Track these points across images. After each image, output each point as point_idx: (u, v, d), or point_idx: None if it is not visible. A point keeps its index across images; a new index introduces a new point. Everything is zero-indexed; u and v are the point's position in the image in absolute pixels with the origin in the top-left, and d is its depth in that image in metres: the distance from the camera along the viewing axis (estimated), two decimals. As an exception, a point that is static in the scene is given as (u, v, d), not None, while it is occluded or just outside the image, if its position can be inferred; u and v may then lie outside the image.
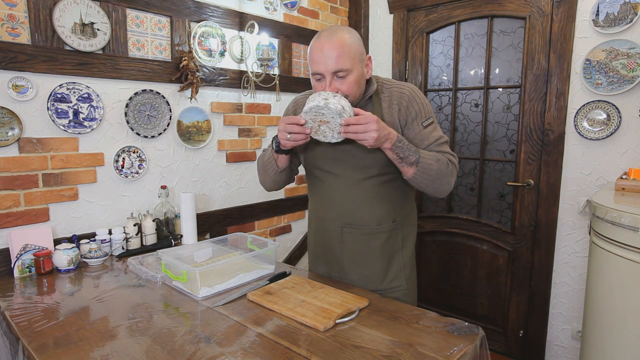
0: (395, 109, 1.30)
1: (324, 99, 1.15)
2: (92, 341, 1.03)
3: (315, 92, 1.22)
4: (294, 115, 1.47)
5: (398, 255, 1.42)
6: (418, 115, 1.29)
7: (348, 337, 1.04)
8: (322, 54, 1.19)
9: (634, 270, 1.45)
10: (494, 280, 2.53)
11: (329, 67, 1.18)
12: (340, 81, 1.21)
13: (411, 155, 1.22)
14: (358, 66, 1.22)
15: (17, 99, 1.53)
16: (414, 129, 1.30)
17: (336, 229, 1.40)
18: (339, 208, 1.39)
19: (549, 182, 2.25)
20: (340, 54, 1.17)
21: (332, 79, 1.20)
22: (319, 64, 1.20)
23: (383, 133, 1.16)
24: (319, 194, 1.45)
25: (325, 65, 1.19)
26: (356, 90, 1.25)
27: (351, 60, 1.19)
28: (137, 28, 1.85)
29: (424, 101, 1.33)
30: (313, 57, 1.22)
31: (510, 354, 2.51)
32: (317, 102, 1.16)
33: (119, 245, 1.72)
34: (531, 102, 2.28)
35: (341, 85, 1.21)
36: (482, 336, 1.06)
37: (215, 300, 1.26)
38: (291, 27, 2.51)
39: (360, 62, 1.23)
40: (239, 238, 1.70)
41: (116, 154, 1.81)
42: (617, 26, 1.96)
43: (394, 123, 1.29)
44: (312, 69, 1.23)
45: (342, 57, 1.18)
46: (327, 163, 1.38)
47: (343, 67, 1.18)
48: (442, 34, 2.63)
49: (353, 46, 1.20)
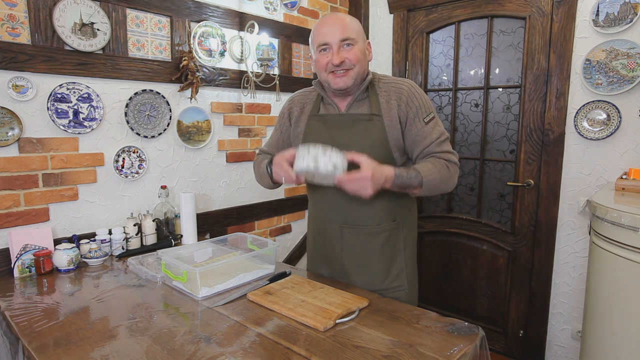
0: (394, 105, 1.29)
1: (313, 160, 1.12)
2: (92, 341, 1.03)
3: (304, 148, 1.16)
4: (289, 115, 1.46)
5: (399, 255, 1.41)
6: (419, 111, 1.29)
7: (348, 337, 1.04)
8: (328, 25, 1.25)
9: (634, 270, 1.45)
10: (494, 280, 2.53)
11: (336, 36, 1.24)
12: (347, 49, 1.25)
13: (413, 180, 1.22)
14: (361, 42, 1.28)
15: (17, 99, 1.53)
16: (415, 126, 1.29)
17: (336, 229, 1.40)
18: (338, 208, 1.38)
19: (549, 182, 2.25)
20: (346, 25, 1.25)
21: (339, 48, 1.24)
22: (325, 35, 1.25)
23: (379, 182, 1.17)
24: (318, 194, 1.45)
25: (332, 35, 1.24)
26: (362, 60, 1.27)
27: (356, 33, 1.26)
28: (137, 28, 1.85)
29: (424, 96, 1.32)
30: (319, 31, 1.27)
31: (510, 354, 2.51)
32: (307, 164, 1.12)
33: (119, 245, 1.72)
34: (531, 102, 2.28)
35: (348, 53, 1.24)
36: (482, 336, 1.06)
37: (215, 300, 1.26)
38: (291, 27, 2.51)
39: (363, 40, 1.29)
40: (239, 238, 1.70)
41: (116, 154, 1.81)
42: (617, 26, 1.96)
43: (393, 119, 1.29)
44: (318, 41, 1.27)
45: (348, 28, 1.24)
46: None
47: (350, 35, 1.24)
48: (442, 34, 2.63)
49: (356, 24, 1.28)
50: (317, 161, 1.11)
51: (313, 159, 1.12)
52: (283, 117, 1.50)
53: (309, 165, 1.12)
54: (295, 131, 1.46)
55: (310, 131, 1.40)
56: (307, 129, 1.41)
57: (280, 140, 1.51)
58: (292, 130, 1.47)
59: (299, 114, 1.44)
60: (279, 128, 1.52)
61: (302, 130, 1.43)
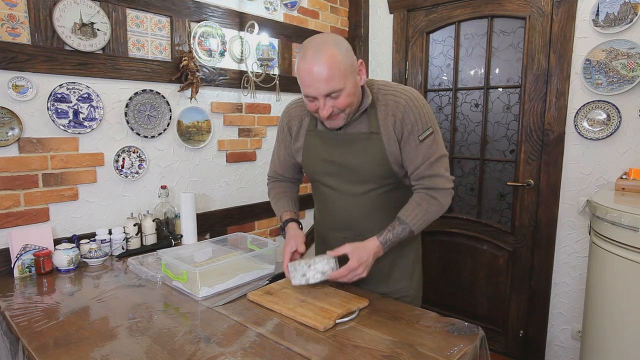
0: (391, 122, 1.24)
1: (302, 277, 1.21)
2: (92, 341, 1.03)
3: (291, 265, 1.24)
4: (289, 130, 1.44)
5: (404, 257, 1.41)
6: (414, 127, 1.23)
7: (348, 337, 1.04)
8: (311, 77, 1.13)
9: (634, 270, 1.45)
10: (494, 280, 2.53)
11: (320, 91, 1.14)
12: (334, 100, 1.16)
13: (402, 235, 1.25)
14: (350, 80, 1.16)
15: (17, 99, 1.53)
16: (409, 144, 1.24)
17: (339, 240, 1.36)
18: (340, 221, 1.38)
19: (549, 182, 2.25)
20: (330, 75, 1.11)
21: (325, 101, 1.16)
22: (309, 88, 1.15)
23: (369, 262, 1.21)
24: (321, 202, 1.45)
25: (316, 89, 1.14)
26: (353, 101, 1.20)
27: (342, 78, 1.13)
28: (137, 28, 1.85)
29: (422, 110, 1.24)
30: (302, 80, 1.16)
31: (510, 354, 2.51)
32: (299, 281, 1.22)
33: (119, 245, 1.72)
34: (531, 102, 2.28)
35: (335, 103, 1.16)
36: (482, 336, 1.06)
37: (215, 300, 1.26)
38: (291, 27, 2.51)
39: (352, 74, 1.17)
40: (239, 238, 1.70)
41: (116, 154, 1.81)
42: (617, 26, 1.96)
43: (391, 136, 1.25)
44: (304, 91, 1.18)
45: (333, 79, 1.12)
46: (326, 178, 1.36)
47: (335, 88, 1.13)
48: (442, 34, 2.63)
49: (342, 62, 1.13)
50: (305, 276, 1.21)
51: (301, 276, 1.21)
52: (283, 132, 1.47)
53: (301, 281, 1.22)
54: (295, 146, 1.43)
55: (309, 147, 1.38)
56: (305, 144, 1.39)
57: (286, 155, 1.48)
58: (293, 144, 1.44)
59: (298, 127, 1.41)
60: (282, 143, 1.48)
61: (302, 146, 1.40)
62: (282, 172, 1.53)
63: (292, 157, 1.47)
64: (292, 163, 1.49)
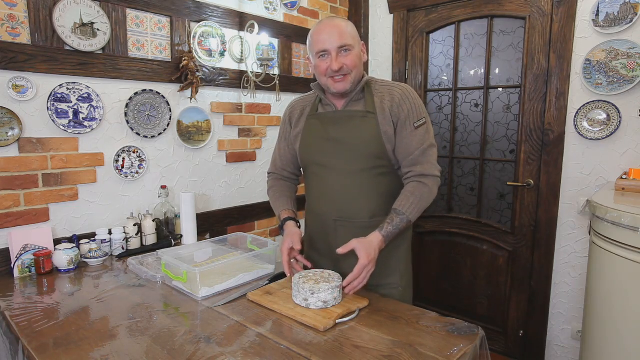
0: (387, 106, 1.35)
1: (304, 300, 1.18)
2: (92, 341, 1.03)
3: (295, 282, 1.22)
4: (289, 120, 1.54)
5: (392, 251, 1.42)
6: (410, 115, 1.34)
7: (348, 337, 1.04)
8: (326, 33, 1.30)
9: (634, 270, 1.45)
10: (494, 280, 2.53)
11: (334, 44, 1.29)
12: (345, 55, 1.30)
13: (401, 225, 1.29)
14: (358, 46, 1.34)
15: (17, 99, 1.53)
16: (405, 129, 1.35)
17: (330, 223, 1.43)
18: (332, 201, 1.42)
19: (549, 182, 2.25)
20: (344, 31, 1.30)
21: (338, 54, 1.30)
22: (324, 42, 1.30)
23: (376, 255, 1.24)
24: (314, 188, 1.49)
25: (330, 42, 1.29)
26: (359, 65, 1.34)
27: (352, 38, 1.32)
28: (137, 28, 1.85)
29: (416, 101, 1.37)
30: (318, 38, 1.32)
31: (510, 354, 2.51)
32: (300, 303, 1.20)
33: (119, 245, 1.72)
34: (531, 102, 2.28)
35: (345, 59, 1.30)
36: (482, 336, 1.06)
37: (215, 300, 1.26)
38: (291, 27, 2.51)
39: (359, 43, 1.35)
40: (239, 238, 1.70)
41: (116, 154, 1.81)
42: (617, 26, 1.96)
43: (386, 118, 1.34)
44: (317, 48, 1.32)
45: (345, 34, 1.30)
46: (322, 155, 1.41)
47: (347, 42, 1.30)
48: (442, 34, 2.63)
49: (351, 28, 1.34)
50: (307, 301, 1.18)
51: (303, 299, 1.19)
52: (285, 124, 1.56)
53: (301, 303, 1.20)
54: (294, 132, 1.51)
55: (309, 129, 1.46)
56: (305, 128, 1.47)
57: (286, 147, 1.57)
58: (292, 131, 1.52)
59: (299, 116, 1.51)
60: (283, 135, 1.57)
61: (301, 130, 1.48)
62: (282, 165, 1.59)
63: (291, 148, 1.54)
64: (292, 156, 1.56)
